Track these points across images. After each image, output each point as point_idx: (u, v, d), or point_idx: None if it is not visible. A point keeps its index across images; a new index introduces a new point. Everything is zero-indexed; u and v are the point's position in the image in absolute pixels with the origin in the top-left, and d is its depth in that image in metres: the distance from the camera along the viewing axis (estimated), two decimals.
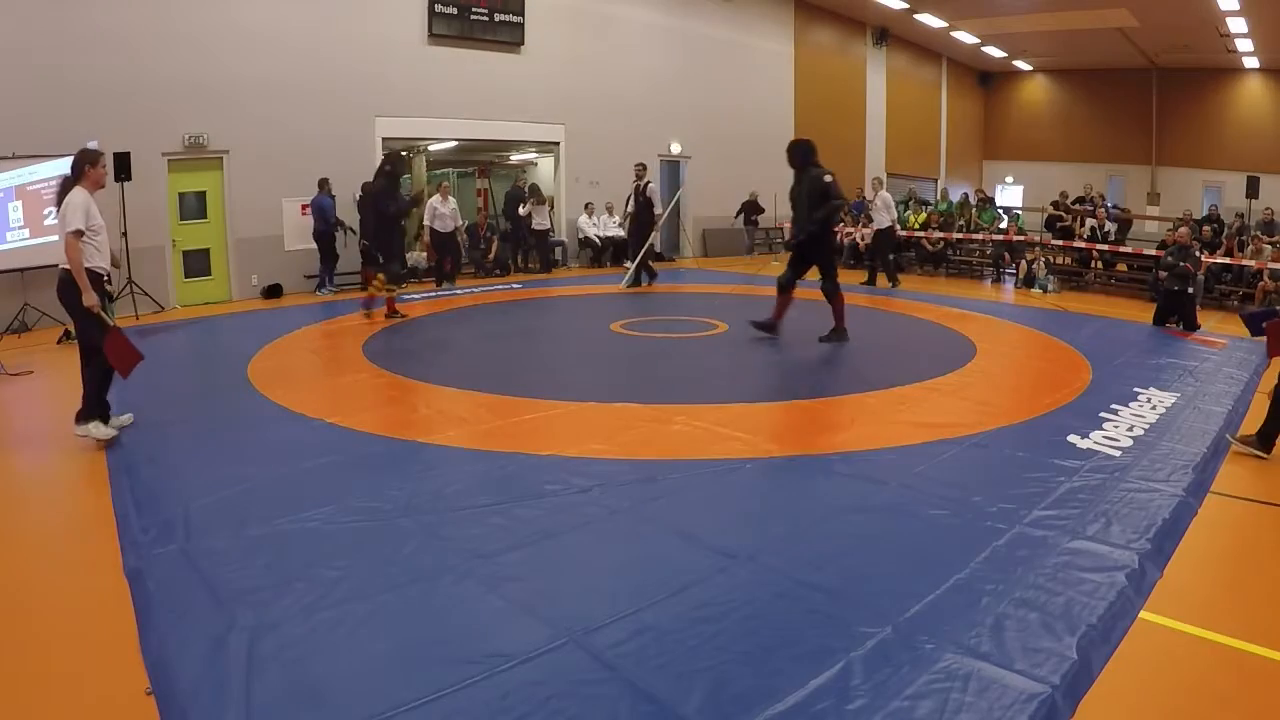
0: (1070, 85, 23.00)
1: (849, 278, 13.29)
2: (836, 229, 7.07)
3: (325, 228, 10.75)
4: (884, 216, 12.02)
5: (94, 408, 4.75)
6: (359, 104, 11.59)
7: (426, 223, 11.73)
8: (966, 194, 15.82)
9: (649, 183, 11.83)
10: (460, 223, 12.19)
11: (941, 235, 14.22)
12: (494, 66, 13.02)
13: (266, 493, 3.89)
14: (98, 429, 4.72)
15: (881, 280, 12.01)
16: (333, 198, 10.75)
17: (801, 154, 7.59)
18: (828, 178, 7.42)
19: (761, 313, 7.98)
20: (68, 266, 4.58)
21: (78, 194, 4.61)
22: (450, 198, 11.74)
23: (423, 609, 2.83)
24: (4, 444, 4.95)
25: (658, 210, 12.02)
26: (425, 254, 12.27)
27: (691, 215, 16.37)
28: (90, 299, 4.62)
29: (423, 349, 7.73)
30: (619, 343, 7.88)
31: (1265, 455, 4.53)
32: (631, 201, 11.94)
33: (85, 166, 4.71)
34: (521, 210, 13.25)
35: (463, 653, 2.53)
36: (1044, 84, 23.87)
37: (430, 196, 11.80)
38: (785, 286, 7.66)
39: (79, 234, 4.54)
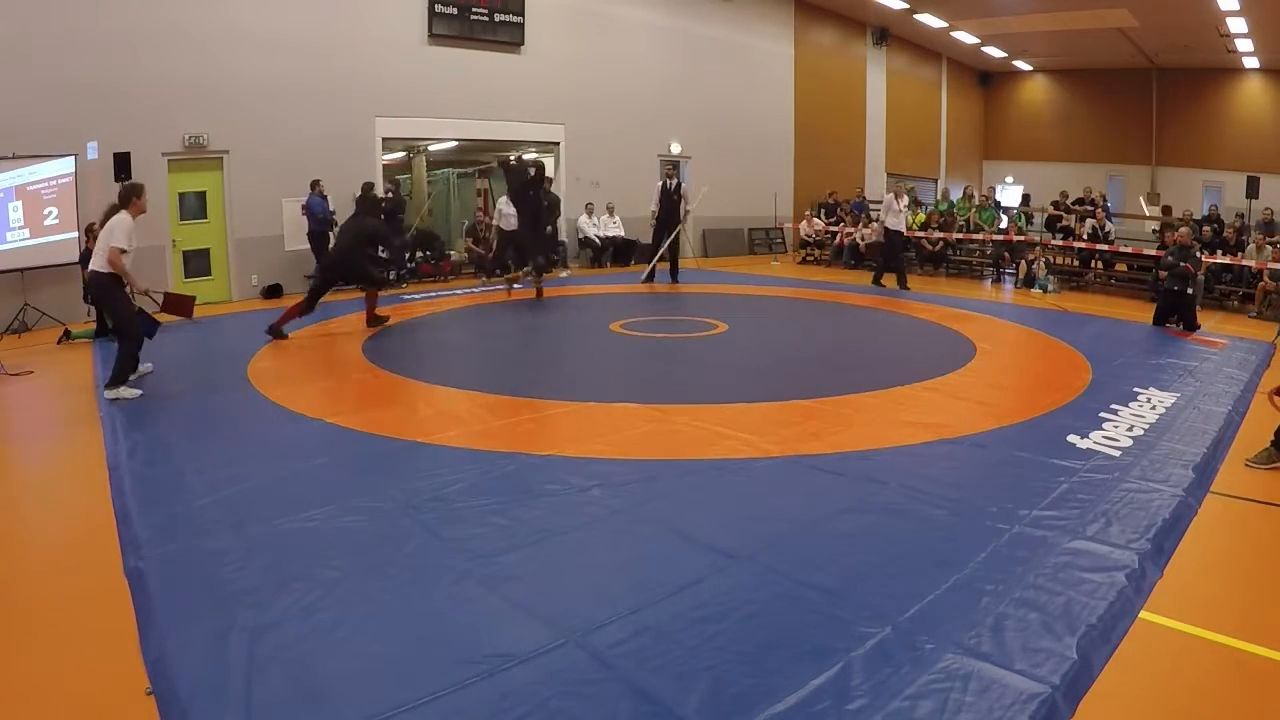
0: (1070, 85, 22.98)
1: (849, 278, 13.32)
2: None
3: (319, 227, 10.74)
4: (897, 219, 11.87)
5: (124, 377, 5.65)
6: (359, 104, 11.59)
7: (495, 223, 12.64)
8: (970, 190, 15.83)
9: (680, 181, 12.39)
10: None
11: (941, 235, 14.22)
12: (494, 66, 13.02)
13: (266, 493, 3.89)
14: (126, 391, 5.60)
15: (889, 281, 11.86)
16: (324, 198, 10.74)
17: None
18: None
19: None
20: (96, 269, 5.56)
21: (126, 218, 5.53)
22: None
23: (423, 609, 2.83)
24: (4, 444, 4.95)
25: (688, 208, 12.46)
26: (466, 252, 13.29)
27: (691, 215, 16.34)
28: (142, 285, 5.83)
29: (423, 349, 7.73)
30: (619, 343, 7.88)
31: None
32: (656, 201, 12.14)
33: (132, 198, 5.63)
34: None
35: (463, 653, 2.53)
36: (1044, 84, 23.85)
37: (499, 199, 12.61)
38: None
39: (123, 252, 5.48)
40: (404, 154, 14.84)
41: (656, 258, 12.11)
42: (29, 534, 3.76)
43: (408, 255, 12.39)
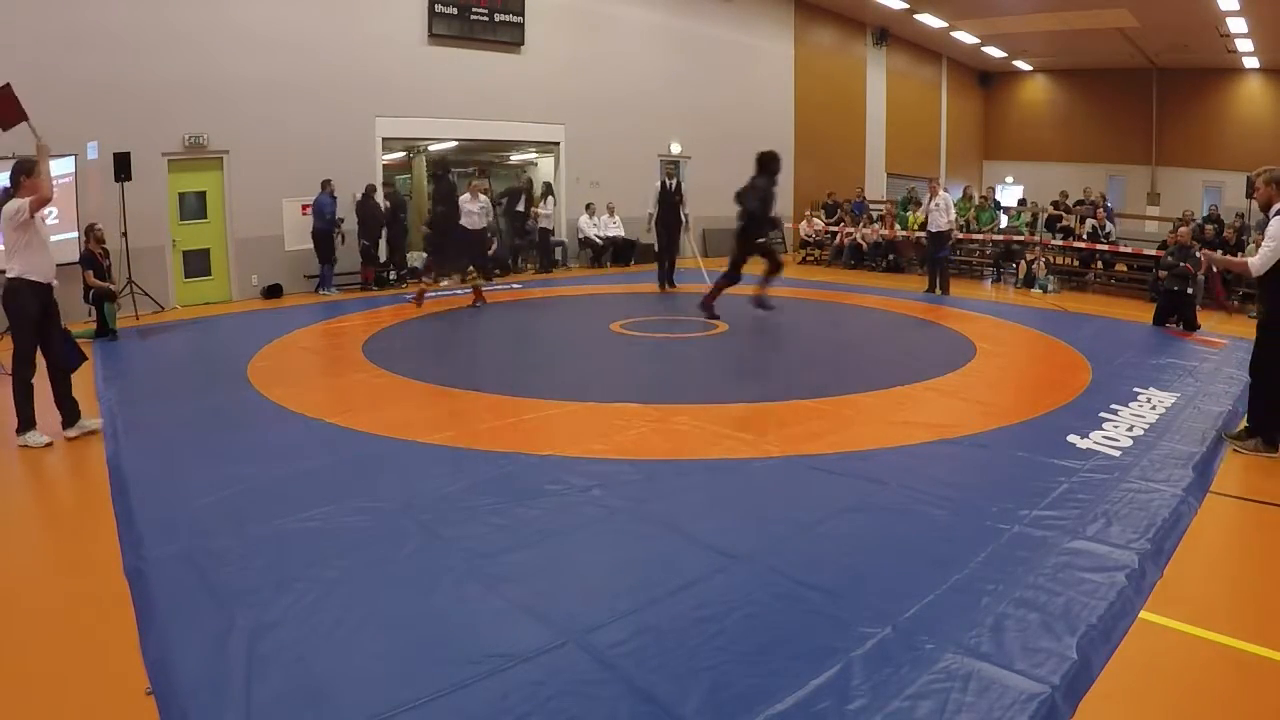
0: (1070, 85, 22.98)
1: (849, 278, 13.34)
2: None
3: (324, 226, 10.76)
4: (941, 219, 11.24)
5: (28, 418, 4.78)
6: (359, 104, 11.59)
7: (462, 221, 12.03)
8: (969, 190, 15.83)
9: (680, 181, 11.69)
10: (491, 220, 12.41)
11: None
12: (494, 66, 13.02)
13: (266, 493, 3.89)
14: (33, 437, 4.76)
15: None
16: (334, 198, 10.76)
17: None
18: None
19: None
20: (10, 275, 4.71)
21: (14, 201, 4.76)
22: (481, 195, 11.90)
23: (423, 609, 2.83)
24: (4, 444, 4.95)
25: (687, 210, 11.69)
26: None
27: (691, 215, 16.34)
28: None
29: (423, 349, 7.73)
30: (619, 343, 7.88)
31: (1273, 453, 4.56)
32: (655, 201, 11.54)
33: (21, 177, 4.81)
34: (542, 209, 13.23)
35: (463, 653, 2.53)
36: (1044, 84, 23.85)
37: (461, 194, 12.15)
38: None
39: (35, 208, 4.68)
40: (404, 154, 14.83)
41: (671, 262, 11.59)
42: (29, 534, 3.76)
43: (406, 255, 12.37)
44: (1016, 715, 2.23)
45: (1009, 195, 21.96)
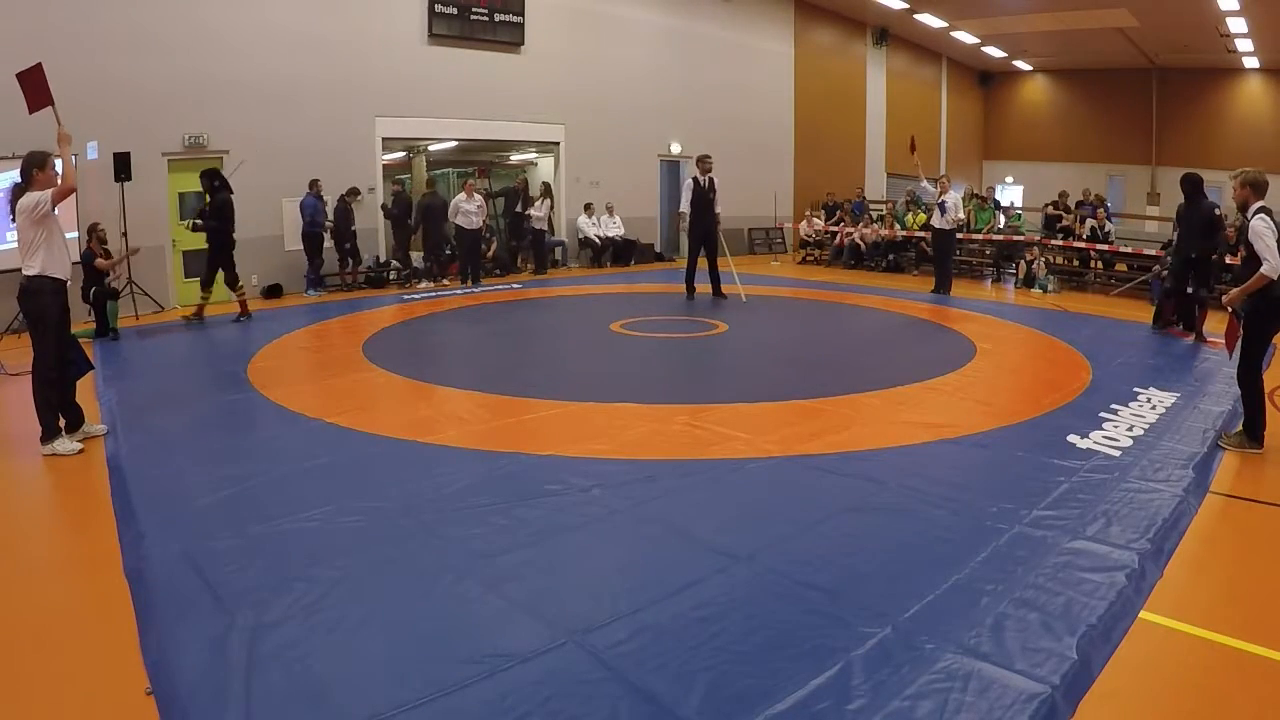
0: (1070, 85, 22.99)
1: (849, 278, 13.34)
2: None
3: (309, 227, 10.76)
4: (940, 216, 11.17)
5: (51, 426, 4.68)
6: (359, 104, 11.60)
7: (451, 218, 12.00)
8: (969, 190, 15.84)
9: (713, 177, 10.12)
10: (486, 220, 12.44)
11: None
12: (494, 66, 13.03)
13: (266, 493, 3.89)
14: (63, 445, 4.66)
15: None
16: (319, 198, 10.77)
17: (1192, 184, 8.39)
18: (1218, 210, 8.40)
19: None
20: (30, 273, 4.58)
21: (32, 194, 4.57)
22: (475, 194, 11.88)
23: (423, 609, 2.83)
24: (4, 443, 4.95)
25: (719, 210, 10.18)
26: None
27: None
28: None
29: (423, 349, 7.74)
30: (619, 343, 7.88)
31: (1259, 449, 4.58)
32: (688, 202, 10.15)
33: (34, 170, 4.59)
34: (534, 211, 13.23)
35: (463, 653, 2.53)
36: (1044, 84, 23.85)
37: (457, 194, 12.15)
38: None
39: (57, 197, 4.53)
40: (404, 154, 14.83)
41: (714, 274, 10.43)
42: (29, 534, 3.76)
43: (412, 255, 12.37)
44: (1016, 715, 2.23)
45: (1009, 195, 21.97)
